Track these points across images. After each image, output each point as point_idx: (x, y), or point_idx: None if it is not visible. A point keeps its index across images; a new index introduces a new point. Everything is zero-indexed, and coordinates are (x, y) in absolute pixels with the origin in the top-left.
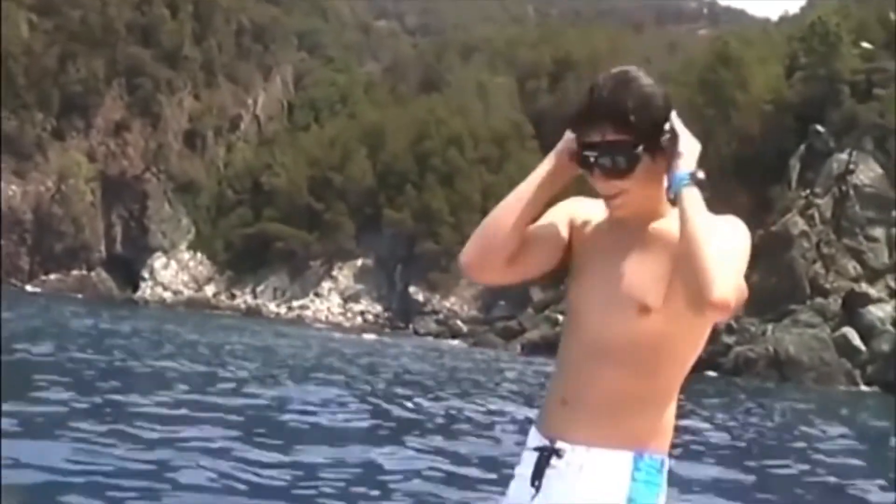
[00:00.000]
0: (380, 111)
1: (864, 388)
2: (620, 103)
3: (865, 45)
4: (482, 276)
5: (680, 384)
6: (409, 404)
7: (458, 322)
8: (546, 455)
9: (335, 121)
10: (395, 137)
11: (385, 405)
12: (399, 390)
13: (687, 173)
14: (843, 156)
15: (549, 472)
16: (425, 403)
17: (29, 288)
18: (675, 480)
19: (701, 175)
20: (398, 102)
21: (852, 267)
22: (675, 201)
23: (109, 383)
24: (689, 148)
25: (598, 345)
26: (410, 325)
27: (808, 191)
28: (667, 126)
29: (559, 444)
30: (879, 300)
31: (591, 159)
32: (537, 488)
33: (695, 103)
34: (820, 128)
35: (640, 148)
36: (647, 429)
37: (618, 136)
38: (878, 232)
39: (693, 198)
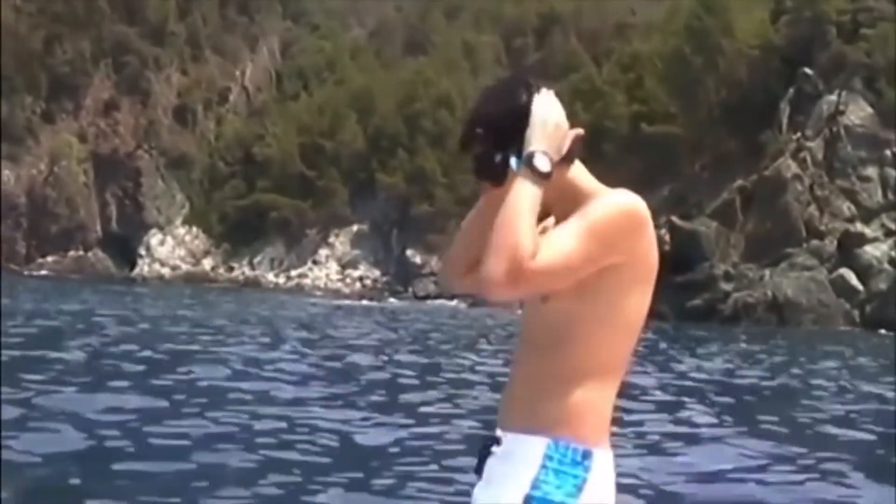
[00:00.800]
0: (367, 76)
1: (862, 328)
2: (471, 118)
3: None
4: (445, 283)
5: (598, 368)
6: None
7: None
8: (489, 444)
9: (324, 88)
10: (384, 101)
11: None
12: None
13: (525, 155)
14: (833, 97)
15: (490, 461)
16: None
17: (27, 272)
18: (692, 431)
19: (539, 154)
20: (385, 66)
21: (846, 207)
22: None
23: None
24: (535, 128)
25: (524, 334)
26: (409, 289)
27: (798, 134)
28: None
29: (498, 432)
30: (875, 239)
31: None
32: (480, 476)
33: (681, 52)
34: (808, 70)
35: (499, 155)
36: (560, 414)
37: (481, 148)
38: (871, 171)
39: (515, 186)
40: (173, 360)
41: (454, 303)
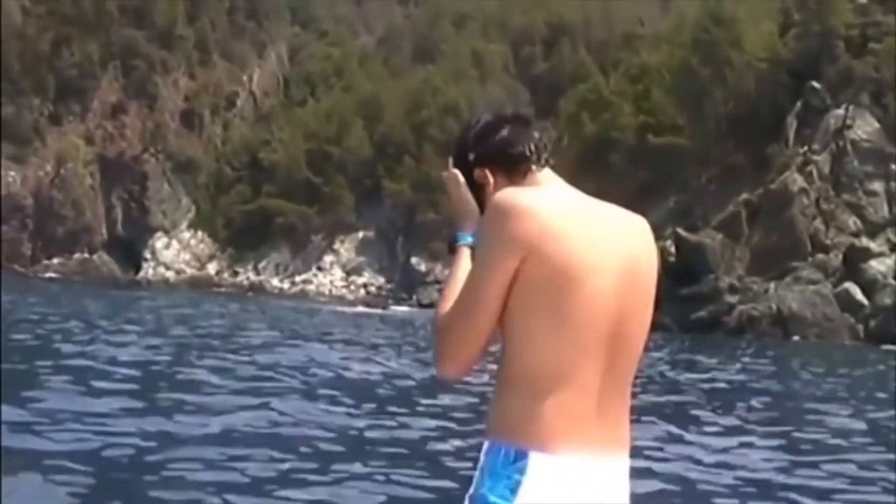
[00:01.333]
0: (375, 83)
1: (866, 342)
2: None
3: None
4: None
5: (531, 374)
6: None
7: None
8: None
9: (331, 94)
10: (391, 109)
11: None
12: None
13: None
14: (840, 111)
15: None
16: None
17: (31, 273)
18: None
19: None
20: (393, 74)
21: (852, 222)
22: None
23: None
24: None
25: None
26: (414, 296)
27: (805, 147)
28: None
29: None
30: (880, 254)
31: None
32: None
33: (689, 63)
34: (816, 84)
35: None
36: (497, 418)
37: None
38: (877, 186)
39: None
40: (175, 368)
41: None
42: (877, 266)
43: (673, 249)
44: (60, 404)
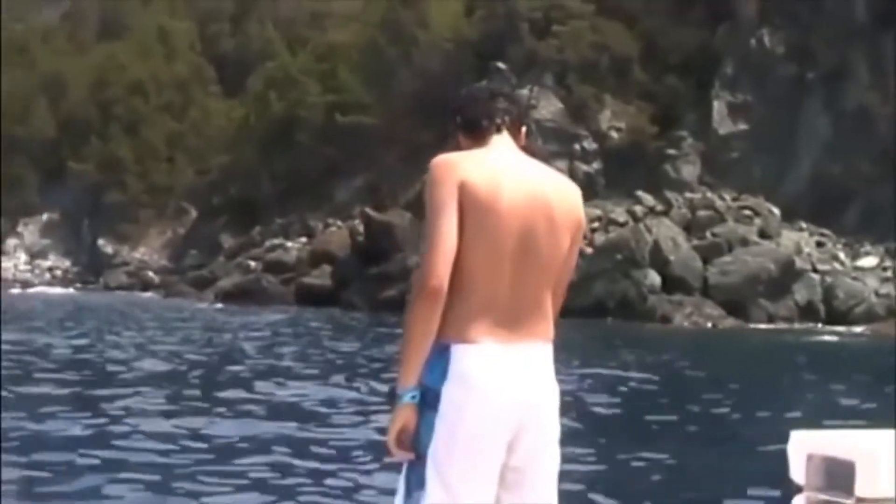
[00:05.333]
0: (59, 60)
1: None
2: None
3: None
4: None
5: (457, 285)
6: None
7: (150, 273)
8: None
9: (13, 72)
10: (76, 86)
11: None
12: None
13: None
14: (525, 92)
15: None
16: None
17: None
18: None
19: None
20: (78, 50)
21: None
22: None
23: None
24: None
25: None
26: (101, 279)
27: None
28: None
29: None
30: None
31: None
32: None
33: (376, 42)
34: (501, 65)
35: None
36: (440, 324)
37: None
38: (562, 164)
39: None
40: None
41: (148, 294)
42: None
43: (362, 229)
44: None
